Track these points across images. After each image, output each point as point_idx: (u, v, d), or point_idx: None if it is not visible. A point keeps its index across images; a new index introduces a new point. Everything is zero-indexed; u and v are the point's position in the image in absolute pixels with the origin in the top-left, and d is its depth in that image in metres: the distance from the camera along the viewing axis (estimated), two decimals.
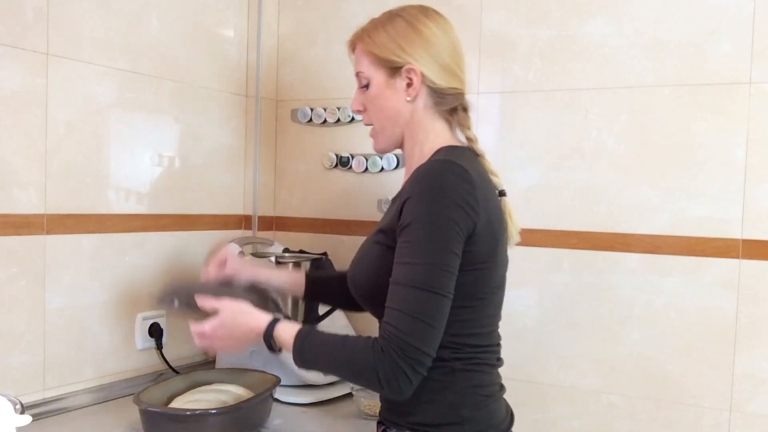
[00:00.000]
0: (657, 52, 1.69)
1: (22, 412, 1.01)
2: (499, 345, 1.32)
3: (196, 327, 1.33)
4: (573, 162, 1.78)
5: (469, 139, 1.34)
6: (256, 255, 1.94)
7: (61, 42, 1.59)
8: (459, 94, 1.33)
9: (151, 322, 1.83)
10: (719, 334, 1.64)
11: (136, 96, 1.79)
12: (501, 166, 1.88)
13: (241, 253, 1.90)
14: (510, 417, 1.34)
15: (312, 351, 1.23)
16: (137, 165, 1.80)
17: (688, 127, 1.66)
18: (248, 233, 2.15)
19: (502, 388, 1.33)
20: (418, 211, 1.15)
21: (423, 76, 1.28)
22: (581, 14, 1.77)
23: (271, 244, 2.05)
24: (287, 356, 1.74)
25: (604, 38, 1.75)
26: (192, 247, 1.96)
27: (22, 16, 1.51)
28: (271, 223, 2.21)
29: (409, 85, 1.29)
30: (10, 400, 1.00)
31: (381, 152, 1.44)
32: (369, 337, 1.18)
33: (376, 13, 1.33)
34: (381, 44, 1.31)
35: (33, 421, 0.99)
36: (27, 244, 1.54)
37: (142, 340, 1.81)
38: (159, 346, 1.84)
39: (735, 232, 1.62)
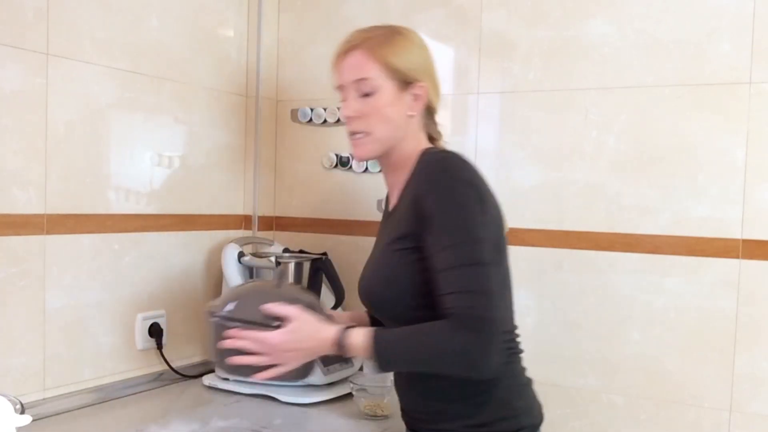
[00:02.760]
0: (657, 52, 1.69)
1: (22, 412, 1.01)
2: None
3: (260, 336, 1.24)
4: (573, 162, 1.78)
5: (434, 137, 1.43)
6: (256, 255, 1.94)
7: (61, 42, 1.59)
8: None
9: (151, 322, 1.83)
10: (719, 334, 1.64)
11: (136, 96, 1.79)
12: (501, 166, 1.89)
13: (241, 253, 1.90)
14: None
15: (393, 350, 1.21)
16: (137, 165, 1.80)
17: (688, 127, 1.66)
18: (248, 233, 2.15)
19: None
20: (444, 198, 1.21)
21: (428, 94, 1.36)
22: (581, 14, 1.77)
23: (271, 244, 2.05)
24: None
25: (604, 38, 1.75)
26: (192, 247, 1.97)
27: (22, 16, 1.51)
28: (271, 223, 2.21)
29: (414, 100, 1.34)
30: (10, 400, 1.00)
31: (364, 159, 1.42)
32: (442, 323, 1.18)
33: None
34: (399, 56, 1.33)
35: (33, 421, 0.99)
36: (27, 244, 1.54)
37: (142, 340, 1.81)
38: (159, 346, 1.84)
39: (735, 232, 1.62)
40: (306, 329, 1.26)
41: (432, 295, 1.22)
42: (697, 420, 1.66)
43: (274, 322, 1.26)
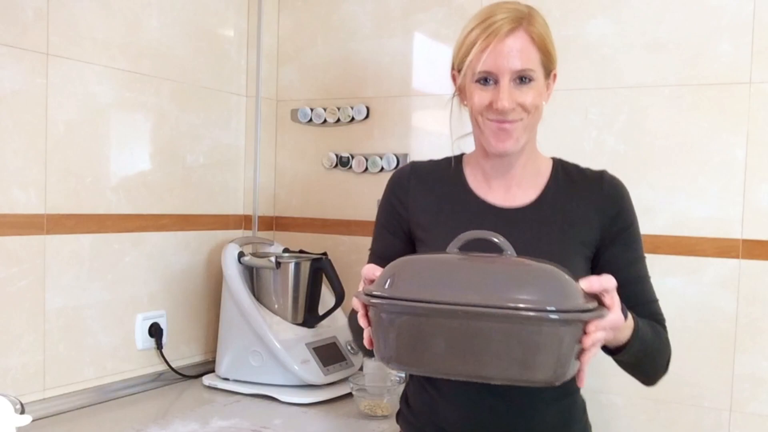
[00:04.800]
0: (657, 52, 1.69)
1: (22, 412, 1.01)
2: None
3: (610, 321, 0.95)
4: (573, 162, 1.77)
5: None
6: (256, 255, 1.94)
7: (61, 42, 1.59)
8: None
9: (151, 322, 1.83)
10: (719, 334, 1.64)
11: (136, 96, 1.79)
12: None
13: (241, 253, 1.90)
14: None
15: (646, 336, 1.15)
16: (137, 165, 1.80)
17: (688, 127, 1.66)
18: (248, 233, 2.15)
19: None
20: (634, 215, 1.27)
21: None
22: (581, 14, 1.77)
23: (271, 244, 2.05)
24: (285, 356, 1.76)
25: (603, 38, 1.75)
26: (192, 247, 1.96)
27: (22, 16, 1.51)
28: (271, 223, 2.21)
29: (547, 90, 1.24)
30: (10, 400, 1.00)
31: (510, 152, 1.21)
32: (663, 328, 1.26)
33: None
34: (551, 42, 1.21)
35: (33, 421, 0.99)
36: (27, 244, 1.54)
37: (142, 340, 1.81)
38: (159, 346, 1.84)
39: (735, 232, 1.62)
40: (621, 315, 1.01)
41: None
42: (696, 420, 1.66)
43: (590, 303, 0.94)
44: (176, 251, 1.92)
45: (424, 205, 1.29)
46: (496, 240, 0.98)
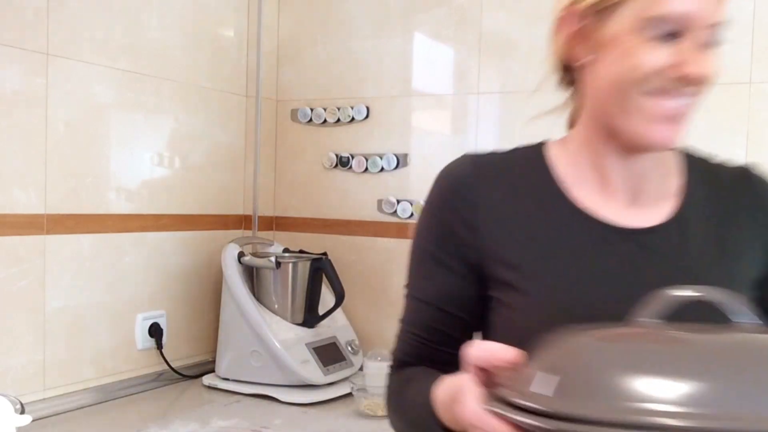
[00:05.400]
0: None
1: (22, 412, 1.01)
2: None
3: None
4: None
5: None
6: (256, 255, 1.94)
7: (61, 42, 1.59)
8: None
9: (151, 322, 1.83)
10: None
11: (136, 96, 1.79)
12: None
13: (241, 253, 1.90)
14: None
15: None
16: (137, 165, 1.80)
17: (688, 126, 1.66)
18: (248, 233, 2.15)
19: None
20: None
21: None
22: None
23: (271, 244, 2.05)
24: (285, 356, 1.76)
25: None
26: (192, 247, 1.96)
27: (22, 16, 1.51)
28: (271, 223, 2.21)
29: None
30: (10, 400, 1.00)
31: (674, 146, 0.84)
32: None
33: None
34: None
35: (33, 421, 0.99)
36: (27, 244, 1.54)
37: (142, 340, 1.81)
38: (159, 346, 1.84)
39: None
40: None
41: None
42: None
43: None
44: (176, 251, 1.92)
45: (508, 227, 0.84)
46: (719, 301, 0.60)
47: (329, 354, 1.85)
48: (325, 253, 1.93)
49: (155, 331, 1.83)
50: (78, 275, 1.66)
